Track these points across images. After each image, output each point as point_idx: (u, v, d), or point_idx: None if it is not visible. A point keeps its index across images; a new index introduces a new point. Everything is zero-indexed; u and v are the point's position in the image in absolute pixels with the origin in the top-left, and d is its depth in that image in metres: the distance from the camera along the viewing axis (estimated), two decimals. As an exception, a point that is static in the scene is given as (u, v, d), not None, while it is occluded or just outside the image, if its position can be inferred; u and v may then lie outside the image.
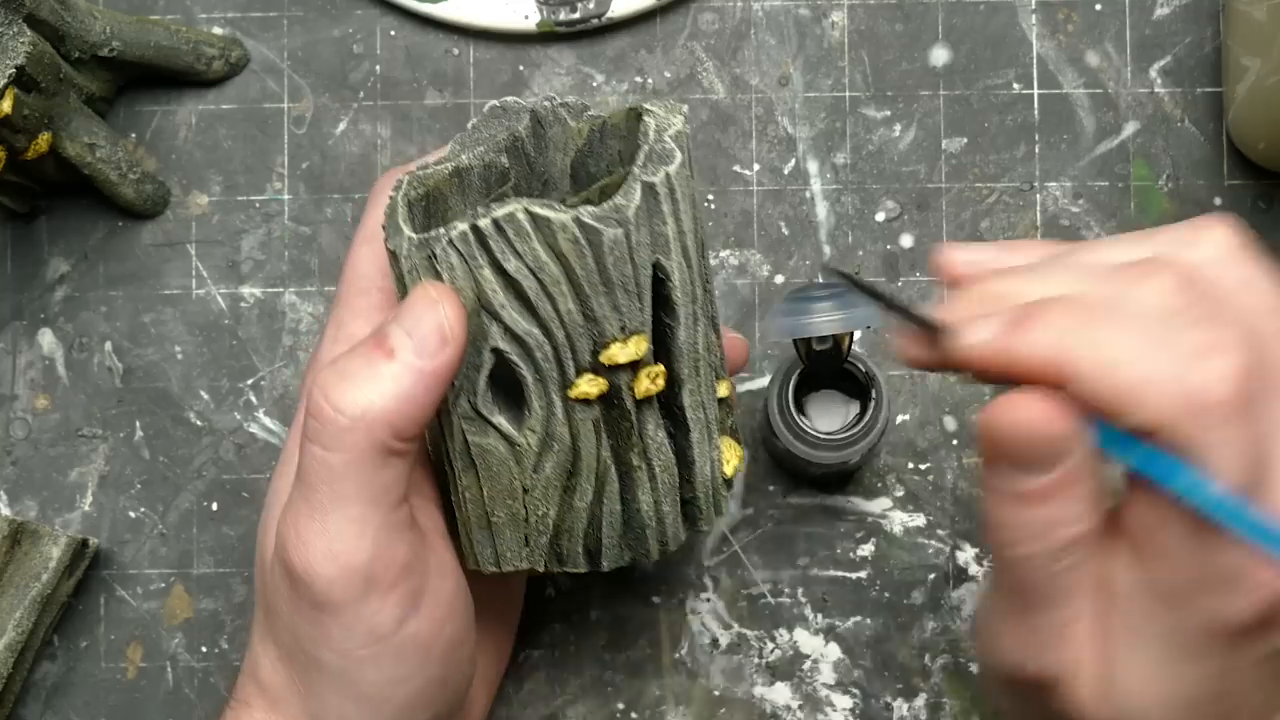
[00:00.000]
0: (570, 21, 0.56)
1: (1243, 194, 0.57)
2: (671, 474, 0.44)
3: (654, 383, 0.42)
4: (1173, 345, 0.34)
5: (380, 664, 0.42)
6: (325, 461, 0.40)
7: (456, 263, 0.40)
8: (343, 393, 0.40)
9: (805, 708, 0.55)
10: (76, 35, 0.53)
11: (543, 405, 0.42)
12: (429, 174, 0.44)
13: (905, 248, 0.56)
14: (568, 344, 0.41)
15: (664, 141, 0.41)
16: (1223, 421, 0.34)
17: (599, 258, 0.40)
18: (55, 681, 0.56)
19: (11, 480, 0.56)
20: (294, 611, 0.42)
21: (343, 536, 0.40)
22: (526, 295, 0.40)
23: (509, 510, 0.43)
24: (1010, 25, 0.57)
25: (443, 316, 0.40)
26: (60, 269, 0.57)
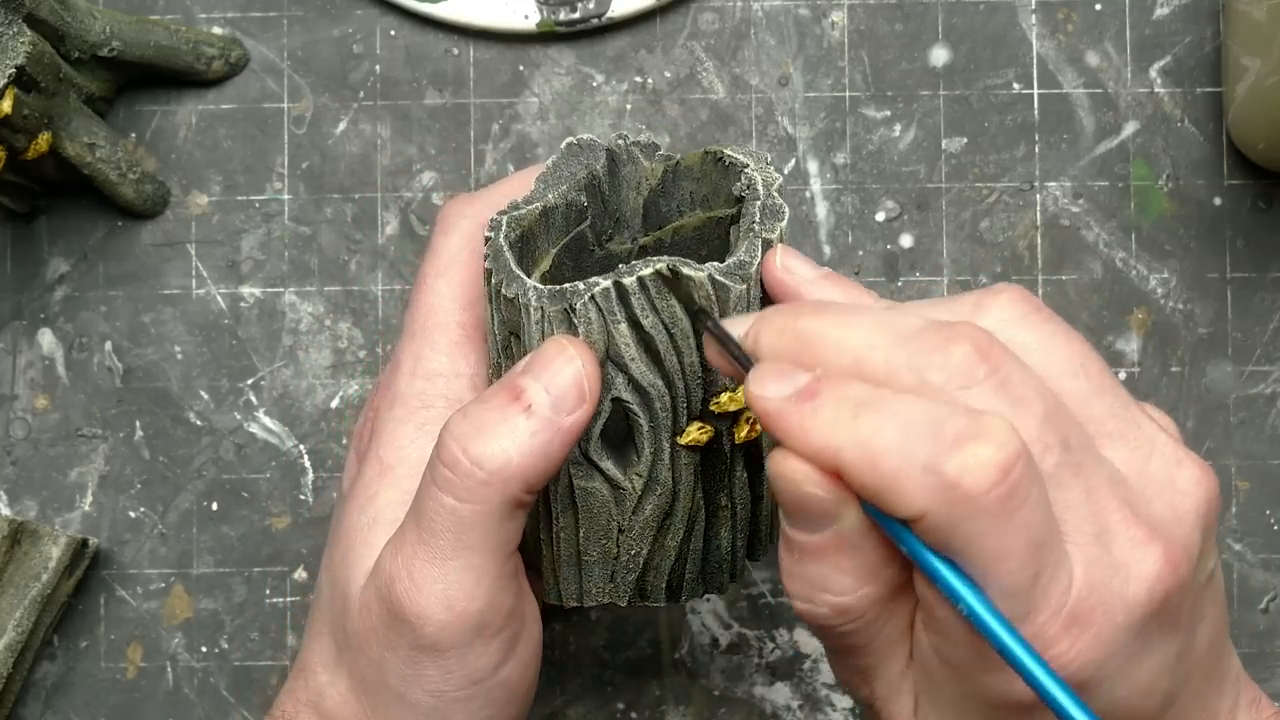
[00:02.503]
0: (570, 21, 0.56)
1: (1242, 194, 0.57)
2: (748, 511, 0.45)
3: (753, 429, 0.42)
4: (937, 434, 0.33)
5: (470, 706, 0.42)
6: (455, 512, 0.40)
7: (594, 318, 0.40)
8: (481, 446, 0.40)
9: (805, 708, 0.55)
10: (76, 35, 0.53)
11: (653, 451, 0.42)
12: (523, 215, 0.44)
13: (905, 248, 0.56)
14: (685, 394, 0.41)
15: (774, 197, 0.42)
16: (980, 513, 0.33)
17: (725, 312, 0.41)
18: (55, 681, 0.56)
19: (11, 480, 0.56)
20: (389, 650, 0.42)
21: (461, 585, 0.41)
22: (657, 349, 0.41)
23: (602, 549, 0.44)
24: (1010, 25, 0.57)
25: (582, 373, 0.40)
26: (60, 269, 0.57)
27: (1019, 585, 0.34)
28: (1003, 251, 0.56)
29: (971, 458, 0.33)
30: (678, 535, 0.43)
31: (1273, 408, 0.56)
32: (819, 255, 0.56)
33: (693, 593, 0.45)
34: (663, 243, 0.46)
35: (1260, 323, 0.56)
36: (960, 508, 0.33)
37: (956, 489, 0.33)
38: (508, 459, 0.39)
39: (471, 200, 0.47)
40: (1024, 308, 0.37)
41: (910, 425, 0.34)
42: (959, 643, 0.35)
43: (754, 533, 0.46)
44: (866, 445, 0.34)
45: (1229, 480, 0.56)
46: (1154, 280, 0.56)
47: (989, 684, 0.36)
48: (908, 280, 0.56)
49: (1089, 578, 0.34)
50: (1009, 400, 0.34)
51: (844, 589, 0.36)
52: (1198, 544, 0.37)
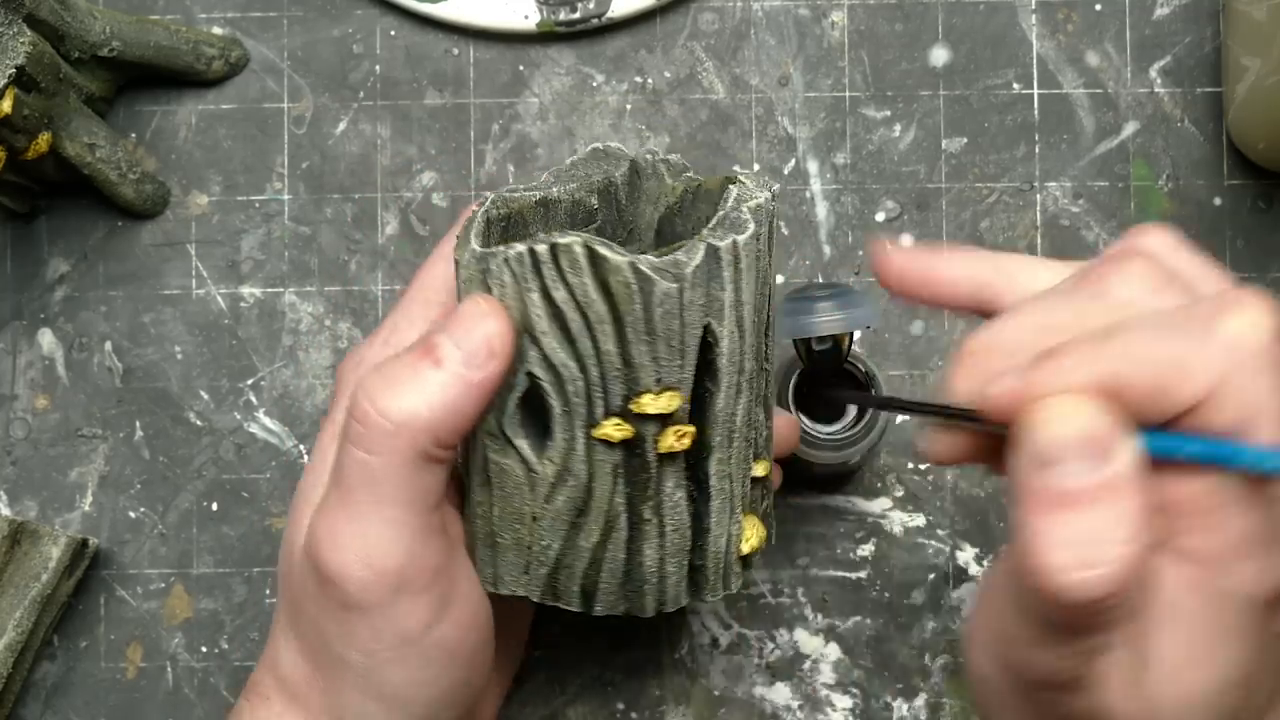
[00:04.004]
0: (570, 21, 0.56)
1: (1242, 194, 0.57)
2: (683, 536, 0.44)
3: (679, 441, 0.42)
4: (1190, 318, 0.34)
5: (406, 666, 0.42)
6: (366, 465, 0.40)
7: (509, 281, 0.40)
8: (389, 398, 0.40)
9: (805, 708, 0.55)
10: (76, 35, 0.53)
11: (566, 438, 0.42)
12: (515, 197, 0.44)
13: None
14: (601, 384, 0.41)
15: (741, 211, 0.42)
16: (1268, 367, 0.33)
17: (648, 307, 0.40)
18: (55, 681, 0.56)
19: (11, 480, 0.56)
20: (321, 610, 0.42)
21: (378, 540, 0.41)
22: (569, 327, 0.40)
23: (515, 534, 0.43)
24: (1010, 25, 0.57)
25: (492, 330, 0.40)
26: (60, 269, 0.57)
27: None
28: (1003, 251, 0.56)
29: (1244, 317, 0.33)
30: (591, 537, 0.43)
31: (1273, 408, 0.56)
32: (819, 255, 0.56)
33: (611, 607, 0.44)
34: None
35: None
36: (1251, 363, 0.33)
37: (1239, 348, 0.33)
38: (415, 411, 0.40)
39: None
40: (1173, 240, 0.38)
41: (1160, 324, 0.34)
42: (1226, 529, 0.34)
43: (699, 566, 0.44)
44: (1130, 353, 0.34)
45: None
46: (1154, 280, 0.56)
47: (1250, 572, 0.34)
48: (908, 280, 0.56)
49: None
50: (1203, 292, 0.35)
51: (1129, 535, 0.33)
52: None
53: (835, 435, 0.50)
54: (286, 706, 0.44)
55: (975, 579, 0.55)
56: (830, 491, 0.56)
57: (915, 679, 0.55)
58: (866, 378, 0.50)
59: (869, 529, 0.56)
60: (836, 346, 0.48)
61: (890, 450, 0.56)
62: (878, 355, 0.56)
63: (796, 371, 0.50)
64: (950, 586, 0.55)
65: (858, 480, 0.56)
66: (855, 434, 0.50)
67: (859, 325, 0.46)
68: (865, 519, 0.56)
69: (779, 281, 0.56)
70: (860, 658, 0.55)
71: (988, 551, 0.55)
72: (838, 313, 0.46)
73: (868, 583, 0.55)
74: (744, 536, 0.45)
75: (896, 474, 0.56)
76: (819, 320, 0.46)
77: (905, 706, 0.55)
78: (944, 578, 0.55)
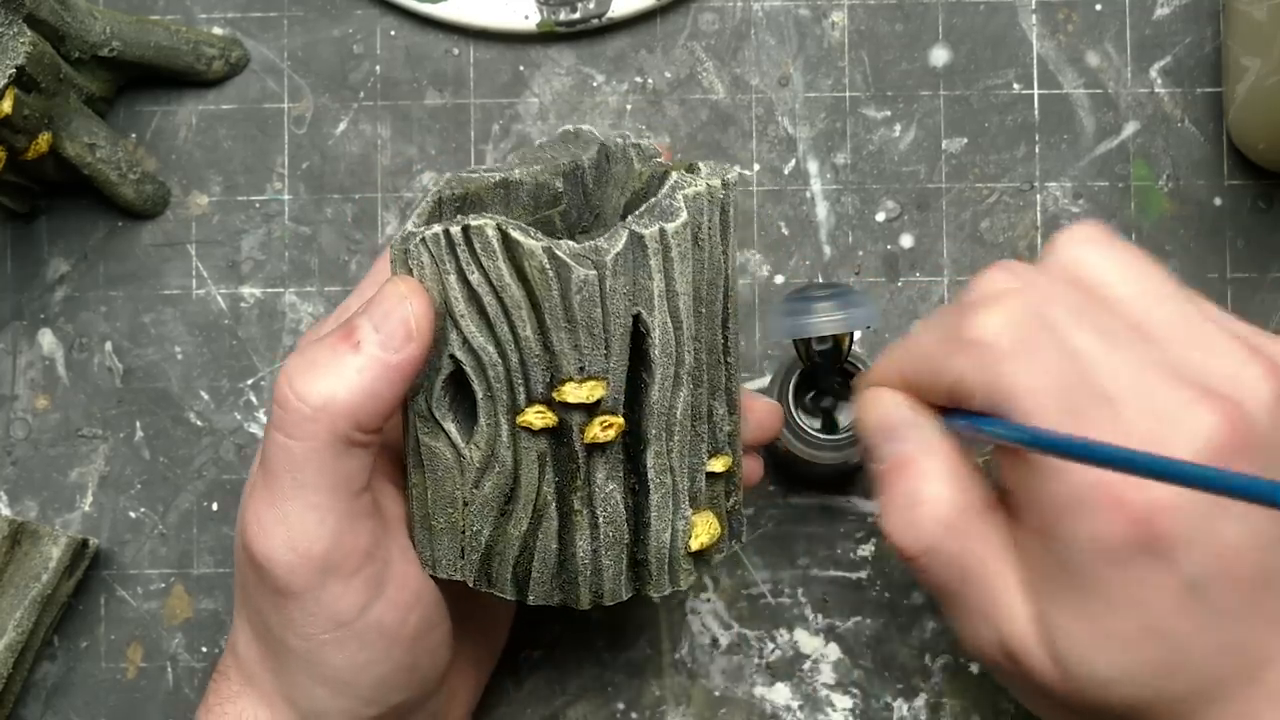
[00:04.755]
0: (570, 21, 0.56)
1: (1243, 194, 0.57)
2: (618, 529, 0.43)
3: (604, 431, 0.41)
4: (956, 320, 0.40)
5: (344, 648, 0.42)
6: (287, 449, 0.40)
7: (427, 263, 0.40)
8: (307, 382, 0.40)
9: (805, 708, 0.55)
10: (76, 35, 0.53)
11: (490, 424, 0.41)
12: (473, 178, 0.44)
13: (905, 248, 0.56)
14: (521, 370, 0.41)
15: (674, 199, 0.41)
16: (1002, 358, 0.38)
17: (565, 293, 0.40)
18: (55, 681, 0.56)
19: (11, 480, 0.56)
20: (259, 596, 0.43)
21: (302, 524, 0.41)
22: (486, 311, 0.40)
23: (448, 518, 0.43)
24: (1010, 25, 0.57)
25: (409, 312, 0.40)
26: (60, 269, 0.57)
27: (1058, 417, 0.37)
28: (1003, 252, 0.56)
29: (984, 317, 0.39)
30: (520, 525, 0.43)
31: (1273, 408, 0.56)
32: (819, 255, 0.56)
33: (545, 597, 0.44)
34: None
35: (1260, 323, 0.56)
36: (985, 357, 0.38)
37: (976, 344, 0.39)
38: (333, 394, 0.40)
39: None
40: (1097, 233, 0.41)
41: (936, 327, 0.41)
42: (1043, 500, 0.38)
43: (641, 561, 0.44)
44: (911, 351, 0.42)
45: (1229, 480, 0.56)
46: (1154, 280, 0.56)
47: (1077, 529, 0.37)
48: (908, 280, 0.56)
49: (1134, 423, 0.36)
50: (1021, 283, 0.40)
51: (937, 493, 0.40)
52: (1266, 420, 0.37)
53: (835, 435, 0.50)
54: (244, 686, 0.45)
55: (975, 579, 0.55)
56: (830, 491, 0.56)
57: (915, 679, 0.55)
58: (866, 378, 0.50)
59: (869, 529, 0.56)
60: (836, 346, 0.48)
61: (890, 450, 0.56)
62: (878, 355, 0.56)
63: (797, 371, 0.50)
64: (950, 586, 0.55)
65: (858, 480, 0.56)
66: (855, 434, 0.50)
67: (859, 325, 0.46)
68: (865, 519, 0.56)
69: (779, 282, 0.56)
70: (860, 658, 0.55)
71: (988, 551, 0.55)
72: (838, 313, 0.46)
73: (868, 583, 0.55)
74: (694, 533, 0.44)
75: (896, 474, 0.56)
76: (819, 320, 0.46)
77: (905, 706, 0.55)
78: (944, 578, 0.55)
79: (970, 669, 0.55)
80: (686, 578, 0.44)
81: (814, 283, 0.56)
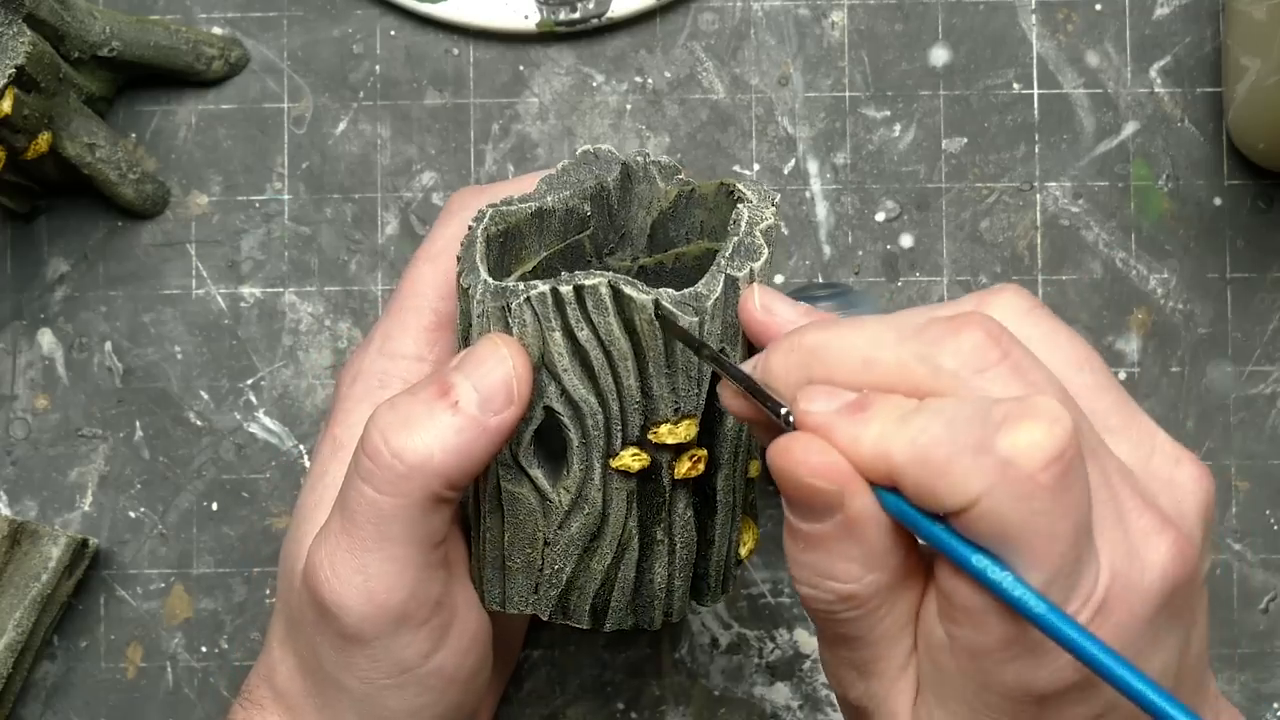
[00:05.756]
0: (570, 21, 0.56)
1: (1242, 194, 0.57)
2: (691, 550, 0.44)
3: (695, 466, 0.42)
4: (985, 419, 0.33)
5: (404, 693, 0.42)
6: (376, 504, 0.40)
7: (530, 321, 0.40)
8: (403, 439, 0.39)
9: (805, 708, 0.55)
10: (76, 35, 0.53)
11: (583, 468, 0.41)
12: (511, 211, 0.44)
13: (905, 248, 0.56)
14: (620, 416, 0.41)
15: (754, 236, 0.41)
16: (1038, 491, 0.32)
17: (669, 341, 0.40)
18: (55, 681, 0.56)
19: (11, 480, 0.56)
20: (319, 635, 0.42)
21: (381, 576, 0.40)
22: (591, 364, 0.40)
23: (525, 557, 0.43)
24: (1010, 25, 0.57)
25: (511, 374, 0.39)
26: (60, 269, 0.57)
27: (1063, 569, 0.33)
28: (1003, 251, 0.56)
29: (1025, 435, 0.32)
30: (604, 560, 0.43)
31: (1273, 408, 0.56)
32: (819, 255, 0.56)
33: (619, 622, 0.44)
34: (663, 266, 0.46)
35: (1260, 323, 0.56)
36: (1017, 487, 0.32)
37: (1012, 467, 0.32)
38: (430, 454, 0.39)
39: (479, 193, 0.47)
40: (1026, 304, 0.37)
41: (957, 417, 0.33)
42: (986, 631, 0.34)
43: (701, 575, 0.45)
44: (916, 442, 0.33)
45: (1229, 480, 0.56)
46: (1154, 280, 0.56)
47: (1010, 673, 0.34)
48: (908, 280, 0.56)
49: (1113, 566, 0.34)
50: (1025, 384, 0.34)
51: (850, 576, 0.35)
52: (1199, 540, 0.36)
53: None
54: (283, 718, 0.44)
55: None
56: (830, 491, 0.56)
57: (915, 679, 0.55)
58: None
59: (869, 529, 0.56)
60: (836, 346, 0.48)
61: (890, 450, 0.56)
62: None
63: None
64: (950, 586, 0.55)
65: (858, 480, 0.56)
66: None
67: (859, 325, 0.46)
68: (865, 519, 0.56)
69: (779, 282, 0.56)
70: (860, 658, 0.55)
71: (988, 551, 0.55)
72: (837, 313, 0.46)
73: (868, 583, 0.55)
74: (742, 540, 0.45)
75: (896, 474, 0.56)
76: (819, 320, 0.46)
77: (905, 706, 0.55)
78: (944, 578, 0.55)
79: (970, 669, 0.55)
80: (733, 584, 0.46)
81: (814, 283, 0.56)
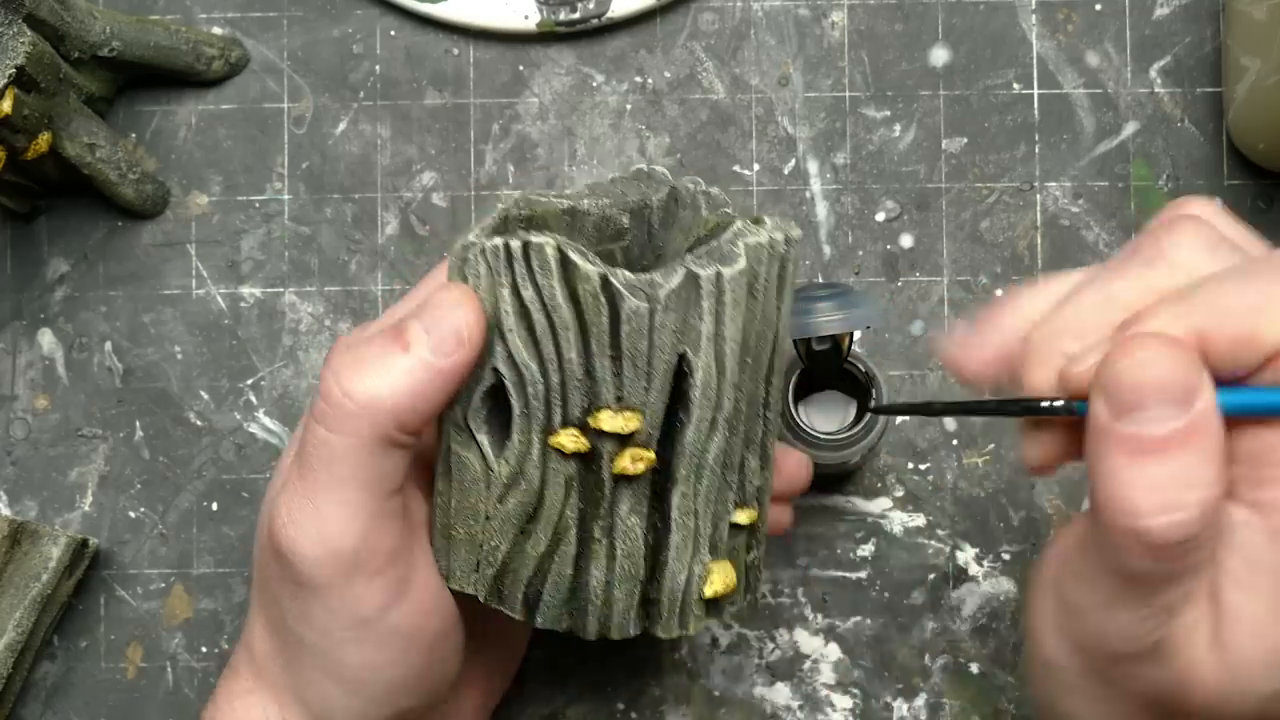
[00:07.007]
0: (570, 21, 0.56)
1: (1243, 194, 0.57)
2: (634, 563, 0.43)
3: (633, 464, 0.41)
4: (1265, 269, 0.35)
5: (361, 648, 0.42)
6: (327, 443, 0.41)
7: (484, 273, 0.41)
8: (354, 378, 0.40)
9: (805, 708, 0.55)
10: (76, 35, 0.53)
11: (523, 440, 0.42)
12: (542, 201, 0.44)
13: (905, 248, 0.56)
14: (560, 391, 0.41)
15: (735, 245, 0.41)
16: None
17: (614, 321, 0.40)
18: (55, 681, 0.56)
19: (11, 480, 0.56)
20: (280, 588, 0.43)
21: (334, 519, 0.41)
22: (534, 328, 0.40)
23: (468, 530, 0.43)
24: (1010, 25, 0.57)
25: (462, 319, 0.40)
26: (60, 269, 0.57)
27: None
28: (1003, 251, 0.56)
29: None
30: (539, 545, 0.43)
31: (1273, 408, 0.56)
32: (819, 255, 0.56)
33: (553, 621, 0.44)
34: None
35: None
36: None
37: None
38: (378, 393, 0.40)
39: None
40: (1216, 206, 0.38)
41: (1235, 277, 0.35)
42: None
43: (654, 599, 0.43)
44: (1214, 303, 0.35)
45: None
46: (1154, 280, 0.56)
47: None
48: (908, 280, 0.56)
49: None
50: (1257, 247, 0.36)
51: (1209, 479, 0.34)
52: None
53: (835, 435, 0.50)
54: (255, 682, 0.45)
55: (975, 579, 0.55)
56: (830, 491, 0.56)
57: (915, 679, 0.55)
58: (866, 378, 0.50)
59: (869, 529, 0.56)
60: (836, 346, 0.48)
61: (890, 450, 0.56)
62: (877, 355, 0.56)
63: (797, 371, 0.50)
64: (950, 586, 0.55)
65: (858, 480, 0.56)
66: (855, 434, 0.50)
67: (859, 325, 0.46)
68: (865, 519, 0.56)
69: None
70: (860, 658, 0.55)
71: (988, 551, 0.55)
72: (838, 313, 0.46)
73: (868, 583, 0.55)
74: (709, 579, 0.43)
75: (896, 474, 0.56)
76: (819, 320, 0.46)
77: (905, 706, 0.55)
78: (944, 578, 0.55)
79: (970, 669, 0.55)
80: (696, 623, 0.44)
81: (814, 283, 0.56)
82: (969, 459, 0.56)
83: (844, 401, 0.53)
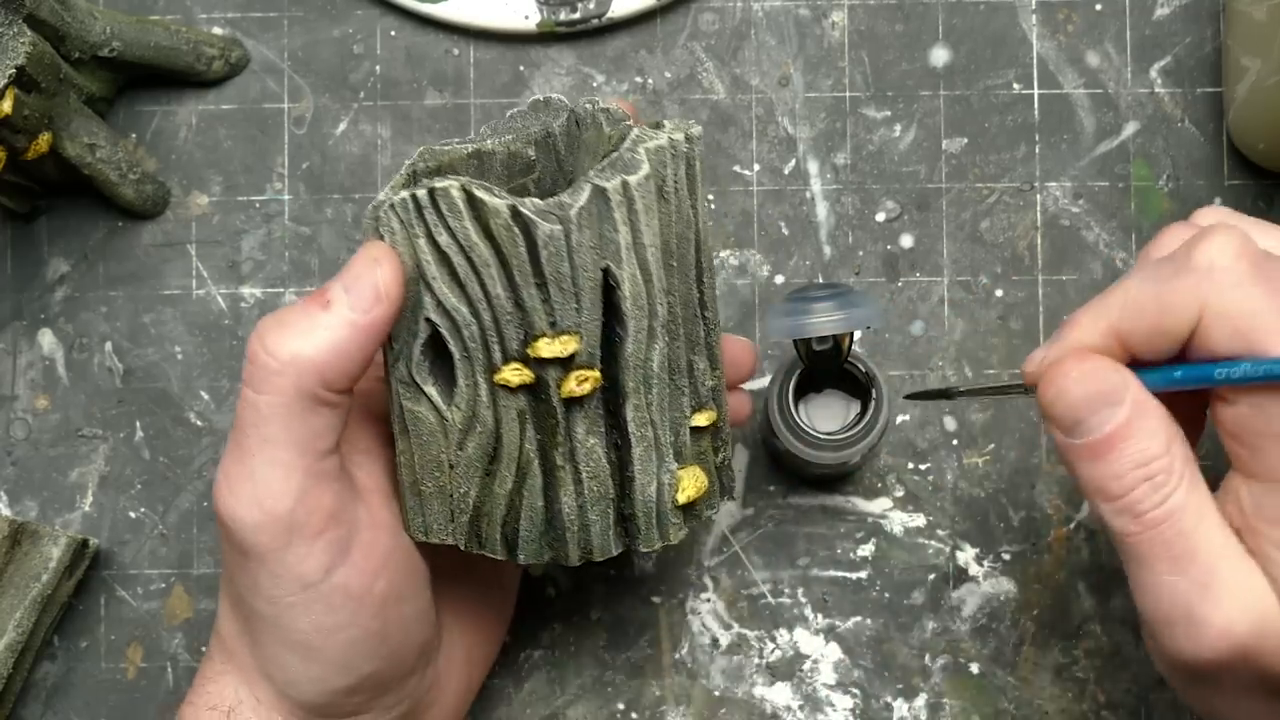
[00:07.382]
0: (570, 21, 0.56)
1: (1243, 194, 0.57)
2: (602, 483, 0.43)
3: (579, 385, 0.42)
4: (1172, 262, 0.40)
5: (310, 612, 0.43)
6: (254, 405, 0.41)
7: (397, 228, 0.41)
8: (277, 338, 0.41)
9: (805, 708, 0.55)
10: (76, 35, 0.53)
11: (469, 384, 0.42)
12: (446, 150, 0.45)
13: (905, 248, 0.56)
14: (495, 329, 0.41)
15: (636, 152, 0.41)
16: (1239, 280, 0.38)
17: (532, 249, 0.40)
18: (55, 681, 0.56)
19: (11, 480, 0.56)
20: (230, 559, 0.43)
21: (266, 481, 0.42)
22: (456, 272, 0.41)
23: (436, 482, 0.44)
24: (1010, 25, 0.57)
25: (379, 275, 0.41)
26: (60, 269, 0.57)
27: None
28: (1003, 252, 0.56)
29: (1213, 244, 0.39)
30: (505, 484, 0.43)
31: (1273, 408, 0.56)
32: (819, 255, 0.56)
33: (534, 554, 0.44)
34: None
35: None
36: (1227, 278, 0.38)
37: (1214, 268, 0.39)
38: (300, 350, 0.41)
39: None
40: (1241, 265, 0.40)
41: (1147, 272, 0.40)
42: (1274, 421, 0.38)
43: (629, 515, 0.44)
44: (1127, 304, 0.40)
45: (1229, 480, 0.56)
46: (1154, 280, 0.56)
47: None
48: (908, 280, 0.56)
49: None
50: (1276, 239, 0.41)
51: (1158, 448, 0.39)
52: None
53: (835, 435, 0.50)
54: (225, 664, 0.46)
55: (976, 579, 0.55)
56: (830, 491, 0.56)
57: (915, 679, 0.55)
58: (866, 378, 0.50)
59: (869, 529, 0.56)
60: (836, 346, 0.48)
61: (890, 450, 0.56)
62: (878, 355, 0.56)
63: (797, 371, 0.50)
64: (950, 586, 0.55)
65: (858, 480, 0.56)
66: (855, 434, 0.50)
67: (859, 325, 0.46)
68: (865, 519, 0.56)
69: (779, 282, 0.56)
70: (860, 658, 0.55)
71: (988, 552, 0.55)
72: (838, 313, 0.46)
73: (868, 583, 0.55)
74: (679, 486, 0.44)
75: (896, 474, 0.56)
76: (819, 320, 0.46)
77: (905, 706, 0.55)
78: (944, 578, 0.55)
79: (970, 669, 0.55)
80: (676, 532, 0.45)
81: (814, 283, 0.56)
82: (969, 459, 0.56)
83: (844, 401, 0.53)
